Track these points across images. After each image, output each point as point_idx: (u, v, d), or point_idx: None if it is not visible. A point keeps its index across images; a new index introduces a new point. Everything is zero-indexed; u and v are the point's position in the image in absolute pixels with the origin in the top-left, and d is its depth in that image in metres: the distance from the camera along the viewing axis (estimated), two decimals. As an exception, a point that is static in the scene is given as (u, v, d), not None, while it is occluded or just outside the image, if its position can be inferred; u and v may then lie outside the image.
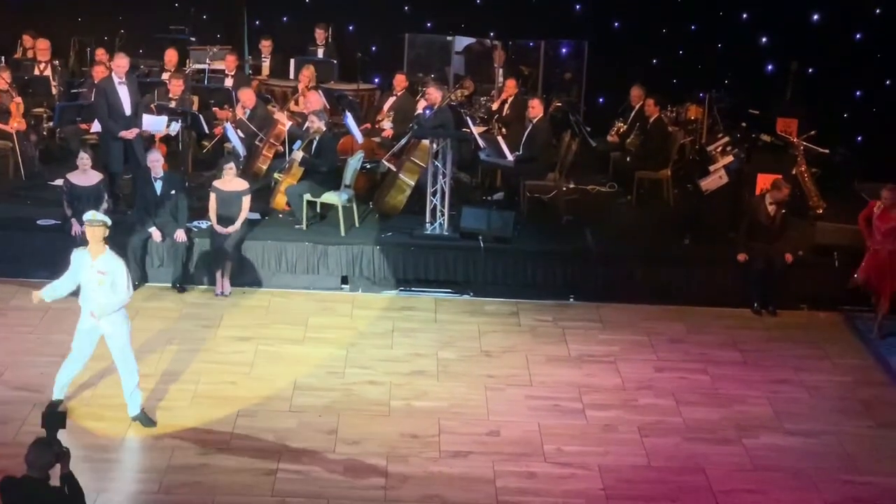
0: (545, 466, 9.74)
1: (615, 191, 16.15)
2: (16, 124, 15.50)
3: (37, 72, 17.45)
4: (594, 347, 12.28)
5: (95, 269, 9.68)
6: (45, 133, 16.68)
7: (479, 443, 10.09)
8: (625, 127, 16.91)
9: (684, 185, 16.08)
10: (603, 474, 9.65)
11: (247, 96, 15.67)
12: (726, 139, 16.08)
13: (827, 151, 15.67)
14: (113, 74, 14.07)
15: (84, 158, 13.00)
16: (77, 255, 9.85)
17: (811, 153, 15.50)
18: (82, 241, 11.36)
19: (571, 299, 13.56)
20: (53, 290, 9.89)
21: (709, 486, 9.55)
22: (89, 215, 9.80)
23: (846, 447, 10.36)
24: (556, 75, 19.48)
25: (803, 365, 12.08)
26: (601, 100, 19.37)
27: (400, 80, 16.67)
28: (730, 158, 15.43)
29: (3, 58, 18.15)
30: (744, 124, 17.01)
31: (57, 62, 17.77)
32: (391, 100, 16.57)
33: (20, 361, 11.11)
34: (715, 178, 15.20)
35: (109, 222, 9.80)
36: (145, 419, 10.12)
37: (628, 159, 16.23)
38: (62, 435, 6.87)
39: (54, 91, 17.28)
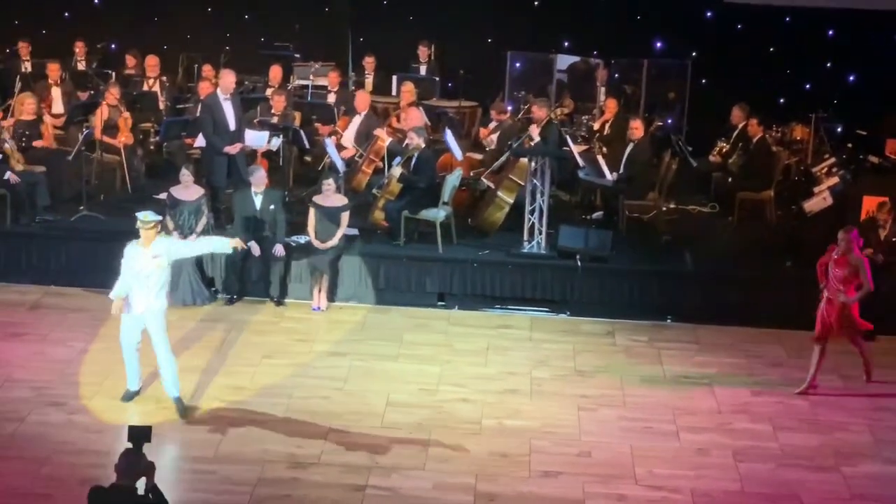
0: (636, 489, 9.62)
1: (716, 211, 15.95)
2: (124, 139, 15.83)
3: (145, 87, 17.81)
4: (690, 369, 12.13)
5: (150, 256, 10.20)
6: (151, 147, 17.04)
7: (569, 463, 10.00)
8: (727, 147, 16.70)
9: (788, 206, 15.82)
10: (695, 498, 9.50)
11: (361, 98, 15.89)
12: (832, 160, 15.80)
13: (938, 173, 15.35)
14: (218, 91, 14.27)
15: (185, 175, 13.22)
16: (130, 250, 10.33)
17: (922, 175, 15.19)
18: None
19: (668, 320, 13.43)
20: (120, 289, 10.41)
21: (803, 514, 9.38)
22: (140, 215, 10.30)
23: (948, 477, 10.09)
24: (658, 94, 19.30)
25: (906, 392, 11.82)
26: (704, 119, 19.15)
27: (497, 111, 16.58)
28: (835, 180, 15.16)
29: (113, 74, 18.57)
30: (850, 145, 16.72)
31: (165, 78, 18.11)
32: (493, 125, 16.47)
33: (119, 372, 11.25)
34: (819, 200, 14.95)
35: (160, 218, 10.45)
36: (182, 406, 10.49)
37: (730, 180, 16.03)
38: (147, 448, 6.95)
39: (161, 106, 17.62)
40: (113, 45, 20.42)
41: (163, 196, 13.88)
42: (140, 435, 6.92)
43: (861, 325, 11.50)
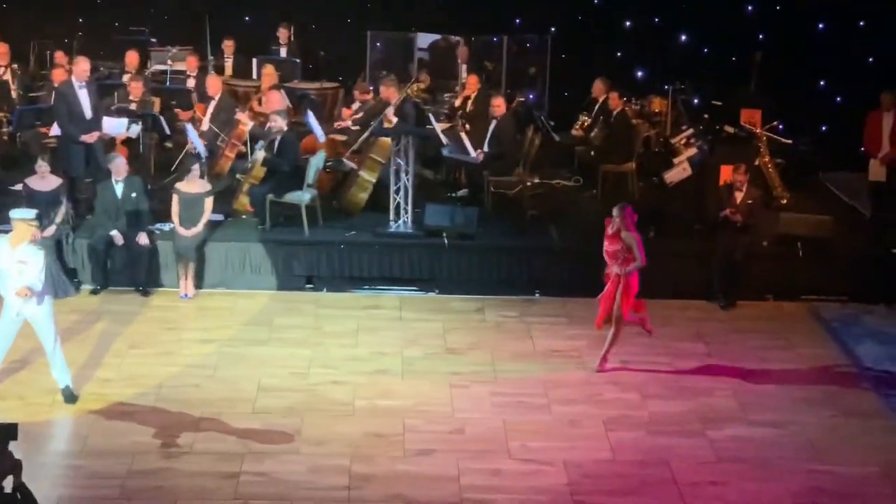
0: (510, 463, 9.71)
1: (580, 185, 16.12)
2: (-26, 129, 15.40)
3: (-5, 76, 17.34)
4: (560, 342, 12.26)
5: (16, 259, 9.88)
6: (4, 137, 16.56)
7: (443, 441, 10.05)
8: (589, 121, 16.88)
9: (649, 177, 16.06)
10: (568, 470, 9.62)
11: (213, 82, 15.71)
12: (690, 131, 16.08)
13: (790, 142, 15.76)
14: (73, 78, 13.96)
15: (41, 165, 12.92)
16: None
17: (775, 144, 15.54)
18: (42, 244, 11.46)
19: (537, 294, 13.55)
20: None
21: (673, 479, 9.53)
22: (21, 213, 10.06)
23: (810, 437, 10.36)
24: (519, 70, 19.42)
25: (768, 356, 12.09)
26: (565, 93, 19.33)
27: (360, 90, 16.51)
28: (693, 150, 15.48)
29: (-38, 63, 18.03)
30: (707, 116, 17.03)
31: (16, 66, 17.62)
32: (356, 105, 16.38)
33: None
34: (679, 171, 15.25)
35: (36, 223, 10.10)
36: (70, 395, 10.39)
37: (593, 153, 16.22)
38: (14, 446, 6.80)
39: (13, 95, 17.15)
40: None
41: (19, 187, 13.53)
42: (6, 433, 6.76)
43: (627, 306, 11.40)
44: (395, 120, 14.27)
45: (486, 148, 14.99)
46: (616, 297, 11.33)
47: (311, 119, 14.98)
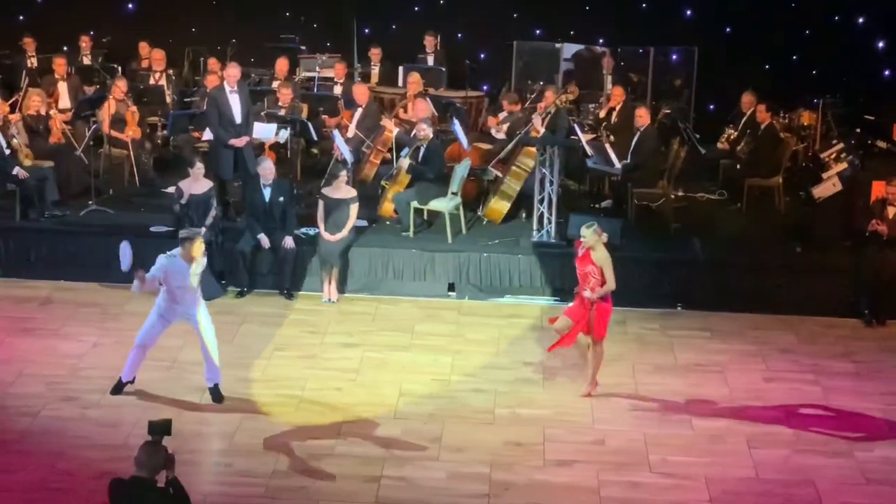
0: (650, 476, 9.62)
1: (725, 198, 15.94)
2: (131, 133, 15.83)
3: (152, 81, 17.84)
4: (702, 356, 12.13)
5: (193, 272, 10.34)
6: (158, 141, 17.03)
7: (583, 452, 10.01)
8: (735, 134, 16.68)
9: (796, 192, 15.78)
10: (710, 486, 9.49)
11: (360, 90, 15.88)
12: (840, 146, 15.76)
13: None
14: (224, 83, 14.27)
15: (198, 168, 13.19)
16: (171, 263, 10.33)
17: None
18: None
19: (679, 307, 13.41)
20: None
21: (819, 500, 9.33)
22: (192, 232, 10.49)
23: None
24: (665, 82, 19.27)
25: (919, 376, 11.81)
26: (711, 107, 19.13)
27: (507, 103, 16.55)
28: (844, 165, 15.15)
29: (120, 68, 18.58)
30: (858, 130, 16.68)
31: (171, 72, 18.13)
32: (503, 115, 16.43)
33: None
34: (828, 186, 14.92)
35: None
36: (218, 394, 10.69)
37: (738, 166, 16.02)
38: (167, 441, 6.96)
39: (168, 100, 17.64)
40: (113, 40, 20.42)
41: (171, 190, 13.86)
42: (161, 428, 6.92)
43: (603, 331, 10.89)
44: (542, 130, 14.27)
45: (629, 159, 14.92)
46: (590, 323, 10.81)
47: (457, 127, 15.06)
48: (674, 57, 19.48)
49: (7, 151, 14.14)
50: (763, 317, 13.11)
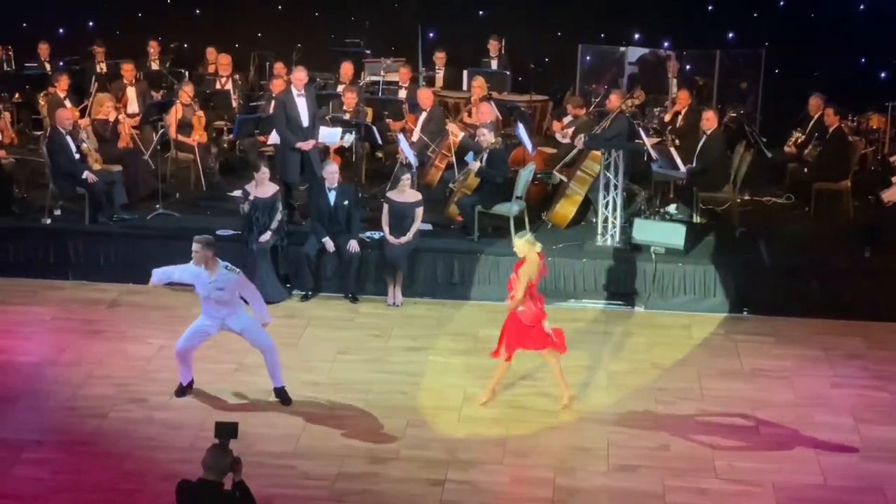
0: (716, 483, 9.55)
1: (792, 202, 15.80)
2: (198, 137, 15.99)
3: (218, 86, 18.00)
4: (768, 362, 12.02)
5: (215, 287, 10.33)
6: (225, 145, 17.19)
7: (648, 457, 9.96)
8: (803, 137, 16.51)
9: (865, 196, 15.60)
10: (777, 493, 9.41)
11: (425, 95, 15.96)
12: (910, 149, 15.60)
13: None
14: (292, 87, 14.35)
15: (263, 172, 13.27)
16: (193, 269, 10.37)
17: None
18: (259, 249, 11.85)
19: (745, 312, 13.31)
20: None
21: (887, 508, 9.26)
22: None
23: None
24: (731, 85, 19.13)
25: None
26: (778, 109, 18.96)
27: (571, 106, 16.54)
28: (913, 169, 14.98)
29: (187, 73, 18.78)
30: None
31: (237, 76, 18.28)
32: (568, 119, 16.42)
33: (198, 368, 11.39)
34: (898, 190, 14.75)
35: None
36: (284, 396, 10.76)
37: (806, 170, 15.86)
38: (233, 444, 7.02)
39: (234, 104, 17.79)
40: (185, 45, 20.66)
41: (237, 193, 13.98)
42: (227, 431, 6.99)
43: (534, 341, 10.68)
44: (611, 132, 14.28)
45: (694, 163, 14.84)
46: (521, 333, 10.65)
47: (521, 131, 15.06)
48: (740, 60, 19.31)
49: (77, 156, 14.34)
50: (830, 322, 12.98)
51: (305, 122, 14.26)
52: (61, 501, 9.12)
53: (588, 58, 19.41)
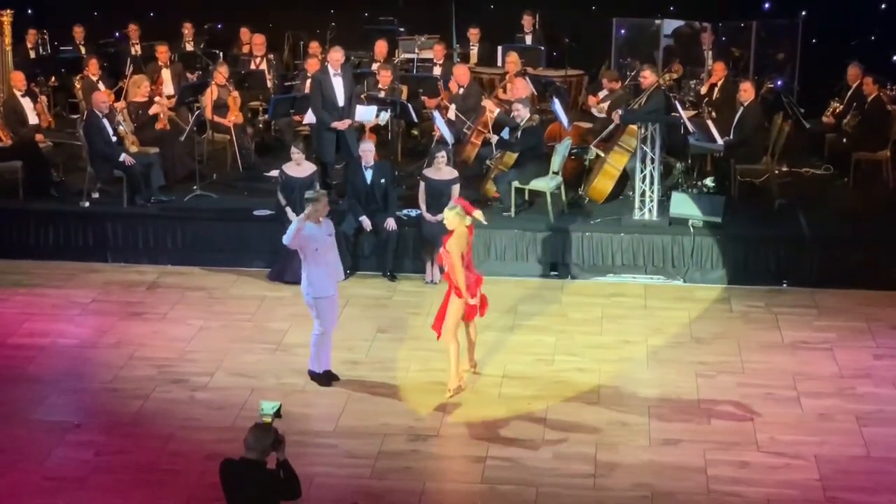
0: (758, 456, 9.52)
1: (831, 173, 15.68)
2: (233, 118, 15.99)
3: (253, 66, 18.00)
4: (809, 334, 11.95)
5: (326, 233, 10.51)
6: (260, 125, 17.21)
7: (689, 431, 9.93)
8: (841, 107, 16.35)
9: (905, 166, 15.48)
10: (820, 465, 9.37)
11: (461, 71, 15.96)
12: (950, 118, 15.41)
13: None
14: (328, 66, 14.34)
15: (297, 153, 13.27)
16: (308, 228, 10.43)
17: None
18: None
19: (785, 285, 13.23)
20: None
21: (932, 479, 9.20)
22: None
23: None
24: (768, 56, 18.96)
25: None
26: (816, 80, 18.78)
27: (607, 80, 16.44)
28: (953, 138, 14.82)
29: (221, 54, 18.79)
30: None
31: (272, 56, 18.28)
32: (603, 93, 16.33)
33: (238, 349, 11.46)
34: (938, 159, 14.62)
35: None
36: (327, 376, 10.82)
37: (845, 140, 15.72)
38: (276, 424, 7.05)
39: (269, 85, 17.80)
40: (220, 26, 20.67)
41: (274, 174, 14.01)
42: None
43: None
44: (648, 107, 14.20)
45: (731, 135, 14.73)
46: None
47: (557, 106, 14.98)
48: (777, 30, 19.10)
49: (114, 139, 14.39)
50: (872, 293, 12.88)
51: (341, 101, 14.26)
52: (105, 482, 9.20)
53: (622, 31, 19.26)
